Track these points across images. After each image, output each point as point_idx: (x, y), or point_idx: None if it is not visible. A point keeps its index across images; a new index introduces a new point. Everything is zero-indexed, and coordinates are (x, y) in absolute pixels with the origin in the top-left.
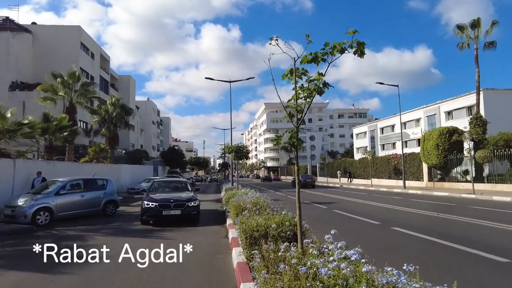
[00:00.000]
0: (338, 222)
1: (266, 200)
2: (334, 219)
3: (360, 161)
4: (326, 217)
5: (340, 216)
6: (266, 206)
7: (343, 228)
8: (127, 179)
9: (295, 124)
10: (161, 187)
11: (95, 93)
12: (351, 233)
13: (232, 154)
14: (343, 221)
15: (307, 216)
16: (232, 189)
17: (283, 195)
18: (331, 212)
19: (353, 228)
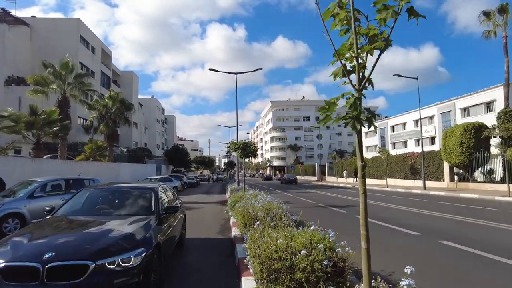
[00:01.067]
0: (370, 233)
1: (280, 206)
2: (352, 225)
3: (373, 160)
4: (351, 225)
5: (370, 226)
6: (282, 214)
7: (378, 241)
8: (127, 179)
9: (356, 87)
10: (79, 207)
11: (90, 86)
12: (392, 250)
13: (239, 152)
14: (375, 232)
15: (328, 224)
16: (238, 190)
17: (292, 196)
18: (354, 218)
19: (392, 243)
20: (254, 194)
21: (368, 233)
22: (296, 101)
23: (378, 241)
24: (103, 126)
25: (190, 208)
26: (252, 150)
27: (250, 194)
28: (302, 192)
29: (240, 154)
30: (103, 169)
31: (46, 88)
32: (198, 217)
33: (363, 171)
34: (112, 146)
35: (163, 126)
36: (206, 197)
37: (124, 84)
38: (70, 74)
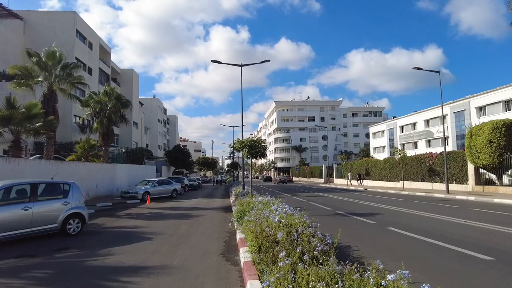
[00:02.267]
0: (417, 255)
1: (305, 221)
2: (404, 248)
3: (386, 161)
4: (386, 241)
5: (408, 241)
6: (310, 234)
7: (434, 269)
8: (123, 180)
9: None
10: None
11: (80, 79)
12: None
13: (245, 151)
14: (421, 252)
15: (357, 239)
16: (245, 196)
17: (303, 201)
18: (385, 231)
19: (456, 273)
20: (265, 202)
21: None
22: (300, 101)
23: (431, 267)
24: (97, 124)
25: (189, 216)
26: (260, 149)
27: (259, 201)
28: (312, 195)
29: (247, 153)
30: (96, 170)
31: (31, 81)
32: (196, 229)
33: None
34: (108, 145)
35: (165, 126)
36: (208, 202)
37: (124, 82)
38: (57, 65)
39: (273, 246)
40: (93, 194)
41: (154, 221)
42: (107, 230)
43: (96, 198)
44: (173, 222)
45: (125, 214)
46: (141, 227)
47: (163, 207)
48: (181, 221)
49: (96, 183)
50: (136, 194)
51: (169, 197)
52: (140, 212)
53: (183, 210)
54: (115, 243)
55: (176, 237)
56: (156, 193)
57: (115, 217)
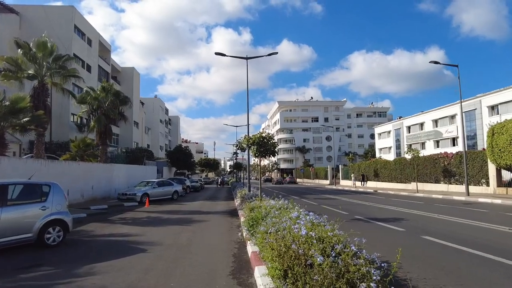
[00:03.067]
0: (481, 275)
1: (342, 236)
2: (456, 264)
3: (396, 162)
4: (430, 255)
5: (455, 254)
6: (353, 253)
7: None
8: (122, 181)
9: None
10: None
11: (74, 72)
12: None
13: (253, 149)
14: (483, 271)
15: (394, 252)
16: (252, 198)
17: (314, 204)
18: (422, 241)
19: None
20: (279, 207)
21: None
22: (304, 101)
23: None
24: (94, 122)
25: (190, 221)
26: (270, 147)
27: (272, 205)
28: (322, 198)
29: (255, 152)
30: (92, 170)
31: (20, 73)
32: (199, 238)
33: None
34: (106, 144)
35: (166, 127)
36: (211, 205)
37: (124, 81)
38: (48, 56)
39: (307, 272)
40: (88, 196)
41: (151, 227)
42: (95, 239)
43: (91, 200)
44: (172, 229)
45: (120, 219)
46: (135, 235)
47: (163, 211)
48: (182, 228)
49: (92, 184)
50: (134, 196)
51: (170, 200)
52: (137, 216)
53: (184, 214)
54: (101, 257)
55: (176, 248)
56: (155, 195)
57: (108, 223)
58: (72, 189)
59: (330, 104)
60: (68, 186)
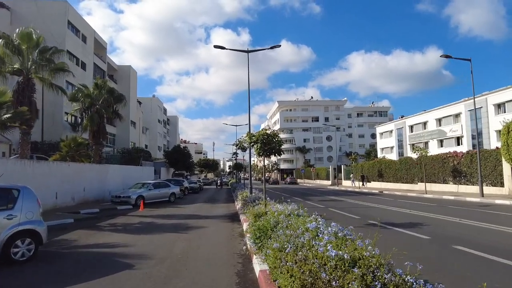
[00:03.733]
0: None
1: (378, 255)
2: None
3: (402, 162)
4: (475, 273)
5: (504, 271)
6: (402, 281)
7: None
8: (117, 183)
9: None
10: None
11: (64, 66)
12: None
13: (257, 147)
14: None
15: (429, 268)
16: (255, 202)
17: (320, 207)
18: (456, 252)
19: None
20: (295, 214)
21: None
22: (304, 101)
23: None
24: (86, 121)
25: (187, 227)
26: (275, 145)
27: (280, 210)
28: (327, 200)
29: (259, 150)
30: (83, 171)
31: (3, 68)
32: (196, 249)
33: None
34: (99, 144)
35: (165, 127)
36: (210, 208)
37: (121, 80)
38: (34, 48)
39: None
40: (79, 198)
41: (143, 235)
42: (75, 251)
43: (83, 203)
44: (166, 238)
45: (110, 225)
46: (124, 245)
47: (158, 215)
48: (177, 236)
49: (83, 186)
50: (129, 198)
51: (167, 202)
52: (129, 221)
53: (180, 219)
54: (76, 277)
55: (168, 263)
56: (151, 197)
57: (95, 230)
58: (62, 192)
59: (330, 103)
60: (57, 188)
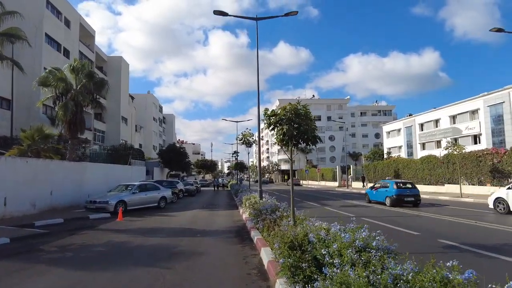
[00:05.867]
0: None
1: None
2: None
3: (424, 161)
4: None
5: None
6: None
7: None
8: (99, 185)
9: None
10: None
11: (15, 32)
12: None
13: (280, 131)
14: None
15: None
16: (276, 214)
17: (348, 215)
18: None
19: None
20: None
21: None
22: (306, 99)
23: None
24: (59, 109)
25: (174, 251)
26: (310, 127)
27: (333, 232)
28: (349, 206)
29: (284, 135)
30: (50, 170)
31: None
32: None
33: None
34: (76, 138)
35: (160, 125)
36: (208, 216)
37: (111, 72)
38: None
39: None
40: (44, 204)
41: (96, 274)
42: None
43: (48, 210)
44: (138, 275)
45: (56, 250)
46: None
47: (138, 229)
48: (154, 277)
49: (50, 188)
50: (106, 204)
51: (155, 208)
52: (91, 241)
53: (167, 236)
54: None
55: None
56: (136, 202)
57: (23, 261)
58: (15, 196)
59: (333, 102)
60: (6, 192)
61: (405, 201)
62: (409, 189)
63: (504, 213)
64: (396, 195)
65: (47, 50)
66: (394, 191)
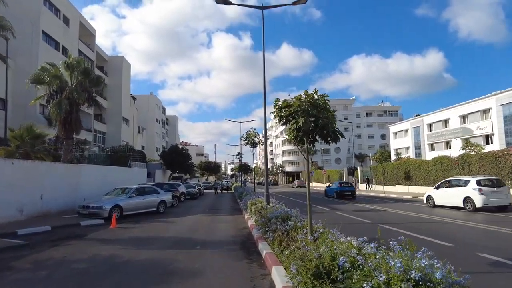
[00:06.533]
0: None
1: None
2: None
3: (436, 162)
4: None
5: None
6: None
7: None
8: (96, 188)
9: None
10: None
11: (0, 22)
12: None
13: (294, 125)
14: None
15: None
16: (287, 224)
17: (366, 223)
18: None
19: None
20: None
21: None
22: None
23: None
24: (52, 108)
25: (166, 273)
26: (330, 121)
27: (346, 245)
28: (363, 210)
29: (300, 128)
30: (40, 173)
31: None
32: None
33: None
34: (71, 138)
35: (163, 127)
36: (210, 223)
37: (112, 72)
38: None
39: None
40: (33, 210)
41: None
42: None
43: (38, 216)
44: None
45: (31, 266)
46: None
47: (131, 238)
48: None
49: (40, 192)
50: (100, 210)
51: (154, 213)
52: (74, 255)
53: (162, 249)
54: None
55: None
56: (132, 207)
57: None
58: (0, 201)
59: (338, 103)
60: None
61: (345, 195)
62: (348, 187)
63: (431, 206)
64: (340, 191)
65: (45, 48)
66: (337, 188)
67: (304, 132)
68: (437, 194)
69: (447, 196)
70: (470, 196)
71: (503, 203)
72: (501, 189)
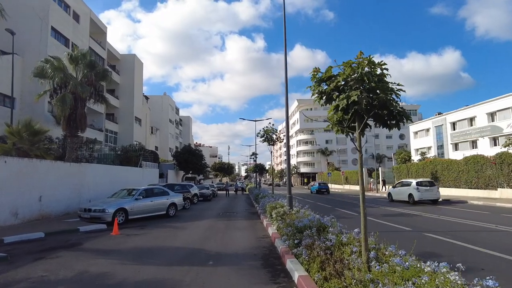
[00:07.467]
0: None
1: None
2: None
3: (469, 162)
4: None
5: None
6: None
7: None
8: (103, 189)
9: None
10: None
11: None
12: None
13: (345, 101)
14: None
15: None
16: (324, 241)
17: (395, 228)
18: None
19: None
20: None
21: None
22: None
23: None
24: (56, 103)
25: None
26: (391, 95)
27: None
28: (393, 215)
29: (341, 112)
30: (38, 172)
31: None
32: None
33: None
34: (75, 136)
35: (177, 127)
36: (224, 229)
37: (124, 71)
38: None
39: None
40: (30, 213)
41: None
42: None
43: (36, 220)
44: None
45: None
46: None
47: (131, 249)
48: None
49: (38, 193)
50: (102, 213)
51: (163, 217)
52: (57, 273)
53: (167, 265)
54: None
55: None
56: (139, 211)
57: None
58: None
59: None
60: None
61: (322, 191)
62: (324, 186)
63: (389, 200)
64: (319, 188)
65: (54, 44)
66: (317, 186)
67: (357, 110)
68: (394, 192)
69: (399, 193)
70: (412, 193)
71: (434, 197)
72: (432, 188)
